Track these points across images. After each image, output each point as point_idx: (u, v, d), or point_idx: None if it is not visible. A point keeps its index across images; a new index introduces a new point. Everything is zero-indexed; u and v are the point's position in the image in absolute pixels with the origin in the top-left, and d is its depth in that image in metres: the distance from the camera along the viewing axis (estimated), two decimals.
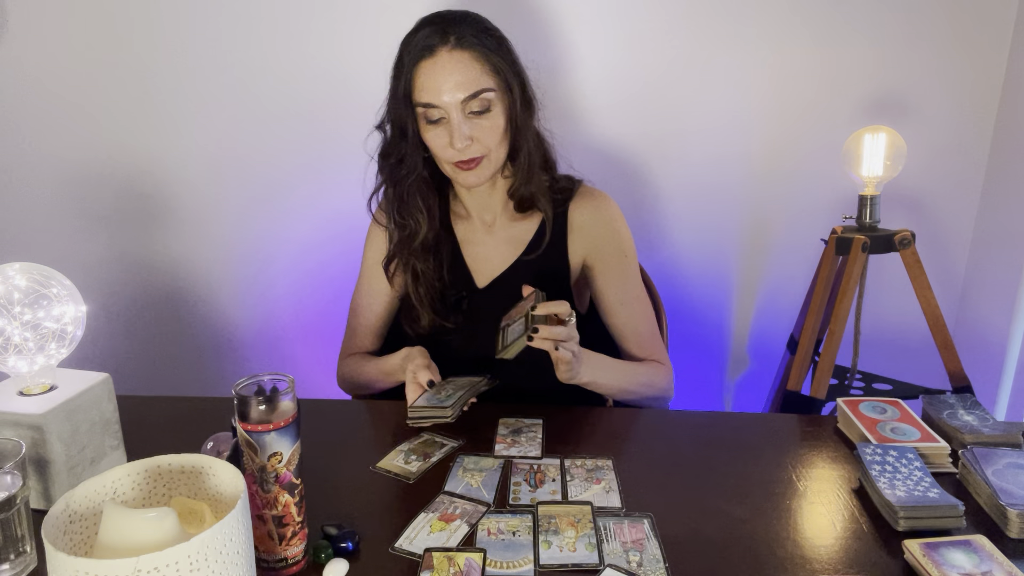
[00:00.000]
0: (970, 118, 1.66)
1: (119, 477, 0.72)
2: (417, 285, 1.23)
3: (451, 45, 1.09)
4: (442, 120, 1.12)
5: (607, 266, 1.25)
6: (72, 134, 1.75)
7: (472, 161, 1.13)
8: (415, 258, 1.23)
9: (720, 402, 1.91)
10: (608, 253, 1.25)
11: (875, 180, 1.48)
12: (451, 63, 1.09)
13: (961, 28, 1.61)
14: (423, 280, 1.23)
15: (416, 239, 1.22)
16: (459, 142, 1.10)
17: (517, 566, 0.79)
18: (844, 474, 0.98)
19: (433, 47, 1.09)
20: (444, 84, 1.09)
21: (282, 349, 1.90)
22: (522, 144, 1.18)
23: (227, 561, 0.62)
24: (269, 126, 1.73)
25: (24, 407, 0.85)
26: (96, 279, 1.84)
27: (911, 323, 1.61)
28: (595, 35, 1.65)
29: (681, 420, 1.18)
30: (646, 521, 0.87)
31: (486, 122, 1.12)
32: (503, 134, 1.15)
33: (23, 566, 0.78)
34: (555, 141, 1.27)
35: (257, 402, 0.74)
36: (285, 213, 1.79)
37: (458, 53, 1.09)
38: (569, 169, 1.30)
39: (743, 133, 1.70)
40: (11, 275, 0.87)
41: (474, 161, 1.13)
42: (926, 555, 0.77)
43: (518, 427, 1.09)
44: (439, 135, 1.13)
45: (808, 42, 1.63)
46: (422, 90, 1.11)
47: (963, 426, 1.02)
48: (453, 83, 1.09)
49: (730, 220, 1.76)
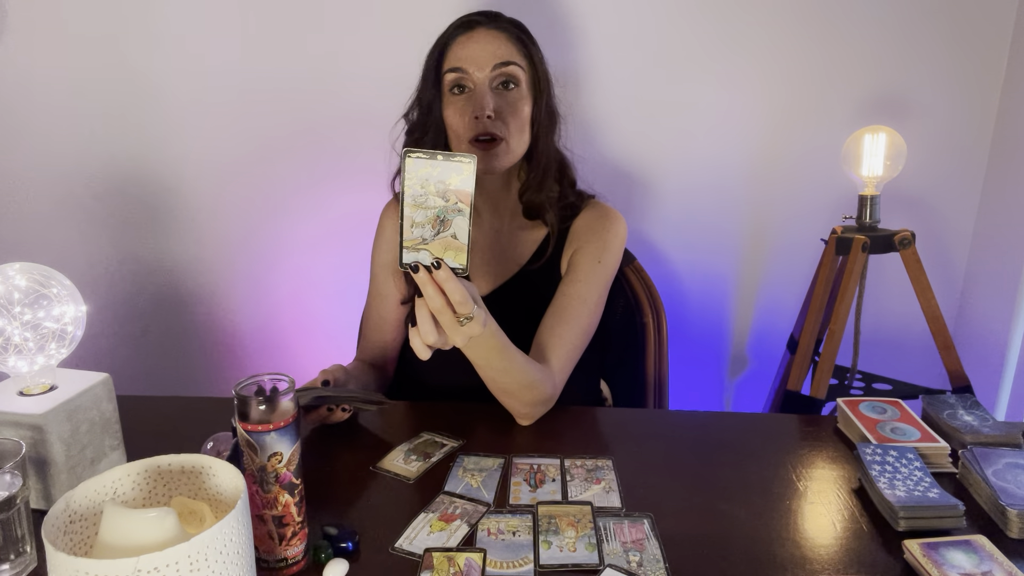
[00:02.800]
0: (970, 118, 1.66)
1: (119, 477, 0.72)
2: None
3: (490, 25, 1.16)
4: (468, 90, 1.14)
5: (575, 263, 1.21)
6: (72, 134, 1.75)
7: (491, 142, 1.14)
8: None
9: (720, 402, 1.91)
10: (586, 253, 1.20)
11: (875, 180, 1.48)
12: (487, 37, 1.15)
13: (961, 28, 1.61)
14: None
15: None
16: (481, 110, 1.12)
17: (517, 566, 0.79)
18: (844, 474, 0.98)
19: (472, 23, 1.17)
20: (477, 52, 1.14)
21: (282, 349, 1.90)
22: (541, 146, 1.20)
23: (227, 561, 0.62)
24: (270, 127, 1.73)
25: (24, 407, 0.85)
26: (96, 279, 1.84)
27: (911, 323, 1.61)
28: (594, 36, 1.65)
29: (681, 420, 1.18)
30: (646, 521, 0.87)
31: (511, 96, 1.15)
32: (525, 122, 1.16)
33: (23, 566, 0.78)
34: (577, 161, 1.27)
35: (257, 402, 0.74)
36: (286, 213, 1.79)
37: (495, 31, 1.16)
38: (586, 186, 1.30)
39: (743, 133, 1.70)
40: (11, 275, 0.87)
41: (493, 142, 1.14)
42: (926, 555, 0.77)
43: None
44: (462, 109, 1.14)
45: (808, 42, 1.63)
46: (455, 57, 1.15)
47: (963, 426, 1.02)
48: (487, 52, 1.14)
49: (730, 220, 1.76)
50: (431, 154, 0.80)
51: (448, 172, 0.80)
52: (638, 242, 1.76)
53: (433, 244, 0.82)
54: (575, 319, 1.16)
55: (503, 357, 0.99)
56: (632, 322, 1.39)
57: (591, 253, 1.20)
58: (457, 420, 1.11)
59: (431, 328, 0.86)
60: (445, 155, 0.80)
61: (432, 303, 0.84)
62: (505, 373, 1.03)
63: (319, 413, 1.05)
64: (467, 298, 0.84)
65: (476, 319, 0.86)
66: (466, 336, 0.87)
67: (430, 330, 0.86)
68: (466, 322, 0.86)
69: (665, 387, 1.41)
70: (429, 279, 0.83)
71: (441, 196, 0.81)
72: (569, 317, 1.15)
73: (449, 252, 0.82)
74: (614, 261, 1.22)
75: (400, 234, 0.82)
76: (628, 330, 1.40)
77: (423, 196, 0.81)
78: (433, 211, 0.82)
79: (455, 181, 0.80)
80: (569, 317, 1.15)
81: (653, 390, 1.40)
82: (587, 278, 1.18)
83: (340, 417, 1.06)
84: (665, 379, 1.41)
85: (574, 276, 1.19)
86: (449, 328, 0.86)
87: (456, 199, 0.81)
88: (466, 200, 0.81)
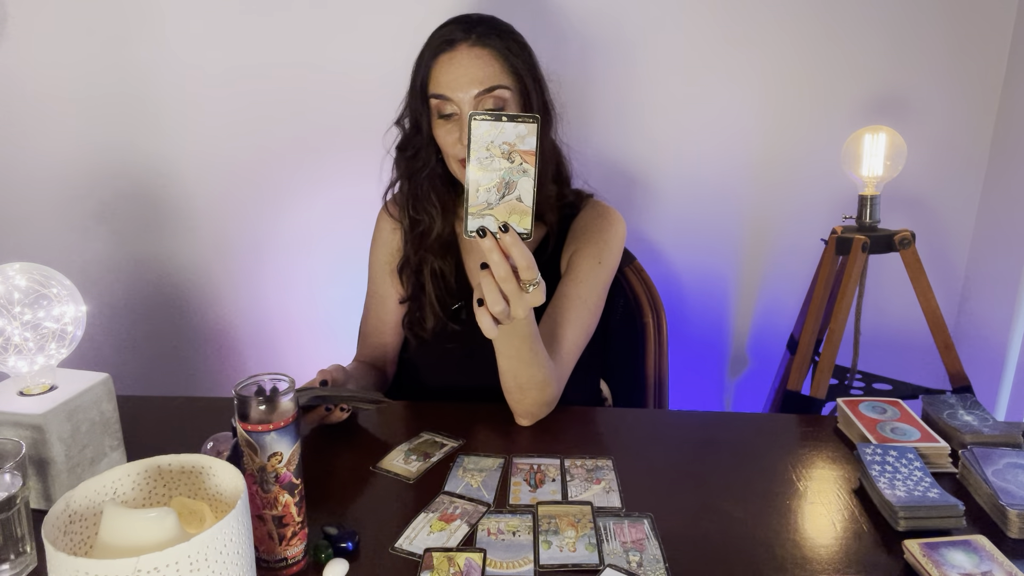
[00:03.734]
0: (970, 118, 1.66)
1: (119, 477, 0.72)
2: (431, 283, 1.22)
3: (471, 41, 1.11)
4: (454, 116, 1.12)
5: (574, 264, 1.20)
6: (72, 134, 1.75)
7: None
8: (432, 254, 1.22)
9: (720, 402, 1.91)
10: (585, 254, 1.20)
11: (875, 180, 1.48)
12: (469, 58, 1.10)
13: (961, 28, 1.61)
14: (437, 280, 1.22)
15: (430, 235, 1.22)
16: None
17: (517, 566, 0.79)
18: (844, 474, 0.98)
19: (454, 41, 1.11)
20: (460, 78, 1.10)
21: (282, 349, 1.90)
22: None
23: (227, 561, 0.62)
24: (270, 126, 1.73)
25: (24, 407, 0.85)
26: (96, 279, 1.84)
27: (911, 323, 1.61)
28: (592, 37, 1.65)
29: (681, 420, 1.18)
30: (646, 521, 0.87)
31: None
32: None
33: (23, 566, 0.78)
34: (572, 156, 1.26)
35: (257, 402, 0.74)
36: (286, 213, 1.79)
37: (477, 49, 1.10)
38: (583, 185, 1.30)
39: (743, 133, 1.70)
40: (11, 275, 0.87)
41: None
42: (926, 555, 0.77)
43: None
44: (450, 131, 1.13)
45: (808, 42, 1.63)
46: (438, 83, 1.12)
47: (963, 426, 1.02)
48: (469, 78, 1.09)
49: (730, 220, 1.76)
50: (495, 115, 0.80)
51: (512, 133, 0.80)
52: (638, 242, 1.76)
53: (498, 209, 0.82)
54: (576, 320, 1.15)
55: (532, 349, 0.99)
56: (632, 322, 1.39)
57: (591, 253, 1.20)
58: (457, 420, 1.11)
59: (498, 297, 0.84)
60: (509, 116, 0.80)
61: (498, 270, 0.82)
62: (529, 366, 1.02)
63: (317, 413, 1.04)
64: (532, 263, 0.83)
65: (540, 285, 0.85)
66: (528, 306, 0.86)
67: (497, 299, 0.84)
68: (532, 288, 0.84)
69: (665, 387, 1.41)
70: (495, 245, 0.82)
71: (507, 157, 0.80)
72: (570, 318, 1.15)
73: (514, 216, 0.82)
74: (614, 261, 1.22)
75: (465, 201, 0.81)
76: (628, 330, 1.40)
77: (488, 158, 0.80)
78: (499, 173, 0.81)
79: (519, 142, 0.80)
80: (570, 318, 1.15)
81: (653, 390, 1.40)
82: (587, 278, 1.18)
83: (339, 417, 1.06)
84: (665, 379, 1.41)
85: (574, 276, 1.19)
86: (513, 297, 0.84)
87: (521, 160, 0.80)
88: (531, 160, 0.81)
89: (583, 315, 1.16)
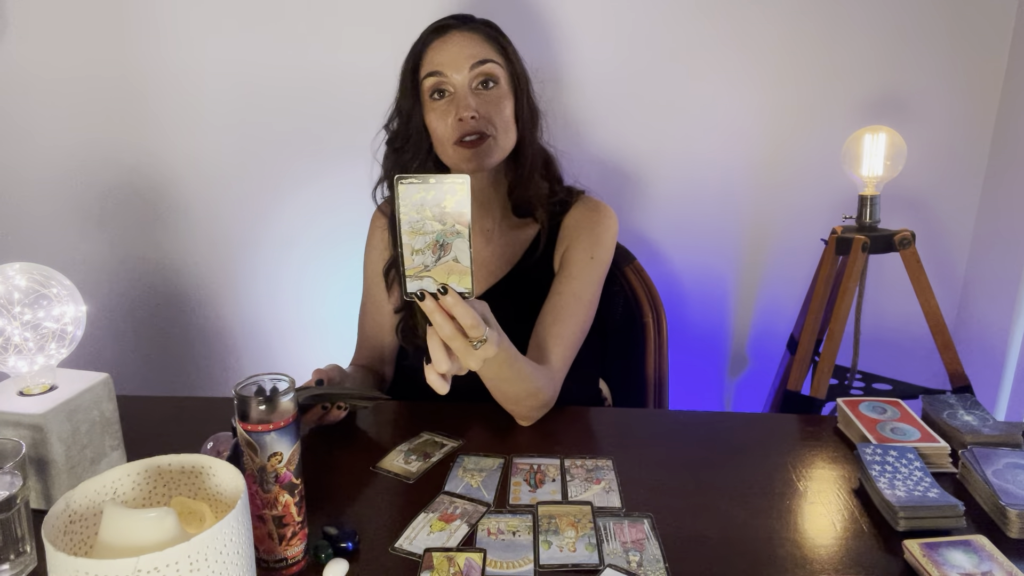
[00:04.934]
0: (970, 118, 1.66)
1: (119, 477, 0.72)
2: None
3: (464, 28, 1.15)
4: (448, 94, 1.13)
5: (567, 261, 1.20)
6: (72, 134, 1.75)
7: (478, 141, 1.13)
8: None
9: (720, 402, 1.91)
10: (578, 250, 1.20)
11: (875, 180, 1.48)
12: (461, 38, 1.14)
13: (961, 28, 1.61)
14: None
15: None
16: (464, 111, 1.11)
17: (517, 566, 0.79)
18: (844, 474, 0.98)
19: (446, 27, 1.16)
20: (454, 55, 1.13)
21: (282, 349, 1.90)
22: (527, 143, 1.19)
23: (227, 561, 0.62)
24: (269, 126, 1.73)
25: (24, 407, 0.85)
26: (96, 279, 1.84)
27: (911, 323, 1.62)
28: (590, 37, 1.65)
29: (681, 420, 1.18)
30: (646, 521, 0.87)
31: (492, 94, 1.14)
32: (510, 119, 1.16)
33: (23, 566, 0.78)
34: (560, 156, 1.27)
35: (257, 402, 0.74)
36: (286, 213, 1.79)
37: (469, 33, 1.15)
38: (574, 182, 1.30)
39: (743, 133, 1.70)
40: (11, 275, 0.87)
41: (480, 140, 1.13)
42: (926, 555, 0.77)
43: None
44: (444, 112, 1.13)
45: (808, 42, 1.63)
46: (431, 62, 1.14)
47: (963, 426, 1.02)
48: (463, 54, 1.13)
49: (730, 220, 1.76)
50: (423, 178, 0.78)
51: (442, 194, 0.78)
52: (638, 242, 1.76)
53: (436, 270, 0.80)
54: (572, 317, 1.15)
55: (512, 369, 0.98)
56: (632, 322, 1.39)
57: (583, 249, 1.20)
58: (457, 420, 1.11)
59: (443, 356, 0.83)
60: (437, 177, 0.78)
61: (442, 331, 0.81)
62: (513, 383, 1.02)
63: (314, 413, 1.04)
64: (478, 320, 0.81)
65: (490, 341, 0.83)
66: (480, 360, 0.84)
67: (442, 358, 0.83)
68: (480, 345, 0.83)
69: (665, 387, 1.41)
70: (436, 307, 0.80)
71: (438, 220, 0.78)
72: (566, 315, 1.15)
73: (453, 277, 0.80)
74: (607, 255, 1.22)
75: (400, 264, 0.80)
76: (628, 330, 1.40)
77: (420, 221, 0.78)
78: (432, 236, 0.79)
79: (450, 203, 0.78)
80: (566, 315, 1.15)
81: (653, 390, 1.40)
82: (581, 275, 1.18)
83: (336, 416, 1.06)
84: (665, 379, 1.41)
85: (568, 273, 1.19)
86: (463, 354, 0.83)
87: (453, 222, 0.79)
88: (464, 222, 0.79)
89: (578, 312, 1.16)
